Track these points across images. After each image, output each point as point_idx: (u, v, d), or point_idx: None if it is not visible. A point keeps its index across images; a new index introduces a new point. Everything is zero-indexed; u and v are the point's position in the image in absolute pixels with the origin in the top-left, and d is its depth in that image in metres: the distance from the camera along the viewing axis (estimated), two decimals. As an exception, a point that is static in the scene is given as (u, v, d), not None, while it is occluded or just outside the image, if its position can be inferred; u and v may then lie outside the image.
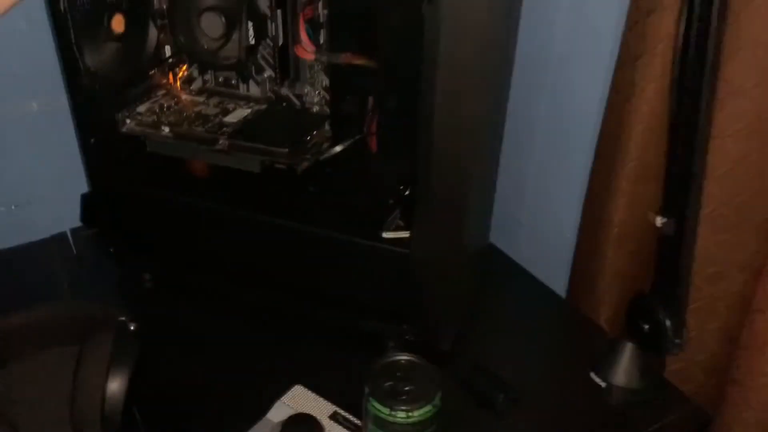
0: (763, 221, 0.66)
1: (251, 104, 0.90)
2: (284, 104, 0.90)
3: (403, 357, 0.60)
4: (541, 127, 0.96)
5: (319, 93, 0.89)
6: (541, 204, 1.00)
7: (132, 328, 0.70)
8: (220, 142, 0.82)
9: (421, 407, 0.54)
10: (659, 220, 0.67)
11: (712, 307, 0.75)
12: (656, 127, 0.71)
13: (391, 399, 0.55)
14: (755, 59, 0.63)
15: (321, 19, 0.82)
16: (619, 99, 0.76)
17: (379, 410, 0.55)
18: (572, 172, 0.90)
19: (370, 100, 0.85)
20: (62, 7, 0.73)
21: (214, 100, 0.91)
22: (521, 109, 0.94)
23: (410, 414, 0.54)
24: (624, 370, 0.76)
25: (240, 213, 0.83)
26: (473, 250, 0.89)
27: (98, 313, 0.73)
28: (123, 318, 0.71)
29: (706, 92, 0.60)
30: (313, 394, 0.72)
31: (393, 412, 0.54)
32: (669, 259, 0.67)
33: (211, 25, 0.82)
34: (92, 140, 0.85)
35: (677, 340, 0.69)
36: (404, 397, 0.56)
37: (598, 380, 0.77)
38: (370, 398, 0.56)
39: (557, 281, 0.95)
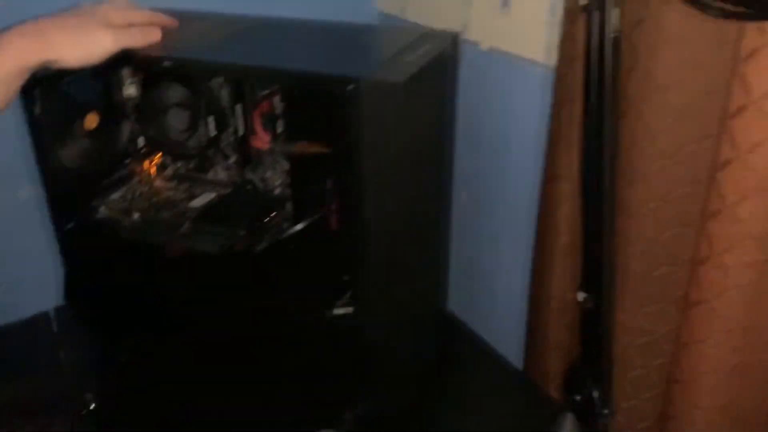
0: (680, 296, 0.70)
1: (218, 188, 0.97)
2: (248, 187, 0.97)
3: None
4: (488, 200, 1.02)
5: (279, 177, 0.95)
6: (496, 276, 1.04)
7: (92, 407, 0.75)
8: (184, 226, 0.89)
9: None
10: (580, 296, 0.71)
11: (647, 377, 0.78)
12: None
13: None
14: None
15: (278, 111, 0.90)
16: (549, 182, 0.81)
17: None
18: (521, 247, 0.95)
19: (329, 182, 0.92)
20: (36, 111, 0.81)
21: (184, 185, 0.98)
22: (469, 186, 1.00)
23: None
24: (565, 439, 0.79)
25: (200, 293, 0.88)
26: (422, 322, 0.93)
27: (64, 390, 0.78)
28: (88, 395, 0.76)
29: (609, 177, 0.65)
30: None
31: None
32: (591, 332, 0.71)
33: (177, 120, 0.90)
34: (68, 226, 0.91)
35: (605, 411, 0.72)
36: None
37: (541, 450, 0.80)
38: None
39: (515, 349, 0.99)
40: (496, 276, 1.06)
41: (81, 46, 0.71)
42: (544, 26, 0.88)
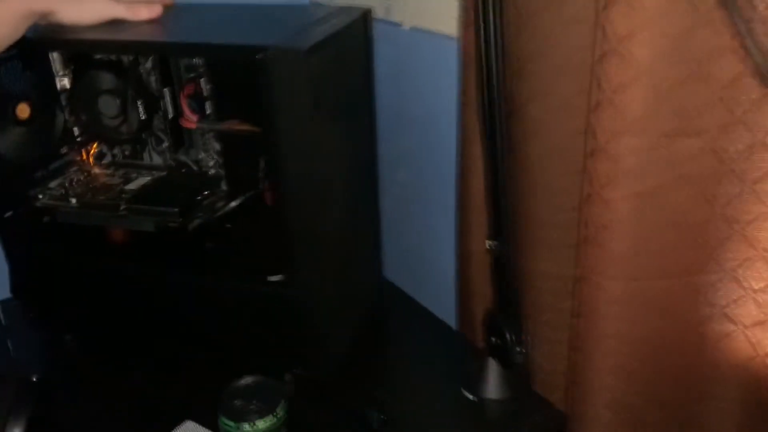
0: (581, 239, 0.75)
1: (154, 172, 1.01)
2: (183, 170, 1.01)
3: (251, 378, 0.68)
4: (419, 171, 1.08)
5: (212, 157, 0.99)
6: (428, 240, 1.09)
7: (33, 379, 0.78)
8: (121, 207, 0.92)
9: (263, 417, 0.62)
10: (488, 244, 0.76)
11: (560, 319, 0.83)
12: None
13: (238, 414, 0.63)
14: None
15: (205, 93, 0.94)
16: (464, 145, 0.87)
17: (227, 425, 0.63)
18: (448, 208, 1.00)
19: (261, 160, 0.97)
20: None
21: (120, 172, 1.02)
22: (402, 159, 1.05)
23: (254, 425, 0.62)
24: (490, 383, 0.84)
25: (140, 270, 0.92)
26: (357, 289, 0.98)
27: (5, 372, 0.81)
28: (30, 375, 0.79)
29: (505, 132, 0.70)
30: (204, 429, 0.79)
31: (238, 425, 0.62)
32: (501, 277, 0.76)
33: (108, 106, 0.93)
34: (7, 214, 0.94)
35: (518, 349, 0.77)
36: (249, 412, 0.63)
37: (469, 396, 0.85)
38: (220, 416, 0.64)
39: (450, 311, 1.04)
40: (427, 241, 1.12)
41: (78, 5, 0.80)
42: (457, 2, 0.94)
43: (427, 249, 1.12)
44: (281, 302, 0.86)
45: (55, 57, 0.94)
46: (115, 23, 0.85)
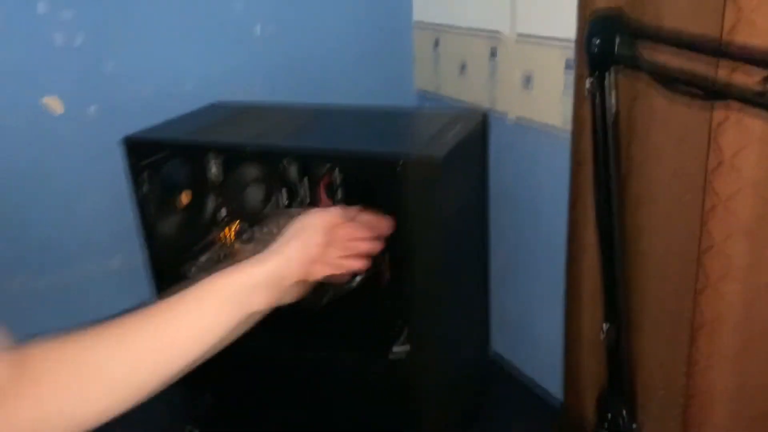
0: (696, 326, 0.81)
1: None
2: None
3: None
4: (524, 254, 1.16)
5: (339, 238, 1.11)
6: (537, 321, 1.17)
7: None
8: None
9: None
10: (604, 326, 0.83)
11: (670, 396, 0.88)
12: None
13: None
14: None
15: (337, 182, 1.06)
16: (573, 233, 0.95)
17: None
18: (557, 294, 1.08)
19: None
20: (144, 190, 0.99)
21: (260, 247, 1.14)
22: (507, 242, 1.14)
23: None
24: (602, 458, 0.89)
25: (272, 345, 1.03)
26: (469, 360, 1.05)
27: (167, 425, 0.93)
28: (189, 427, 0.90)
29: (618, 227, 0.78)
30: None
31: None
32: (615, 358, 0.83)
33: (255, 194, 1.07)
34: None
35: (633, 426, 0.83)
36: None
37: (581, 469, 0.90)
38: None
39: (555, 382, 1.10)
40: (536, 321, 1.19)
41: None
42: (561, 99, 1.03)
43: (533, 325, 1.19)
44: (402, 375, 0.94)
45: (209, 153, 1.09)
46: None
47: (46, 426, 0.54)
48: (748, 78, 0.61)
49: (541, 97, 1.10)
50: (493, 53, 1.20)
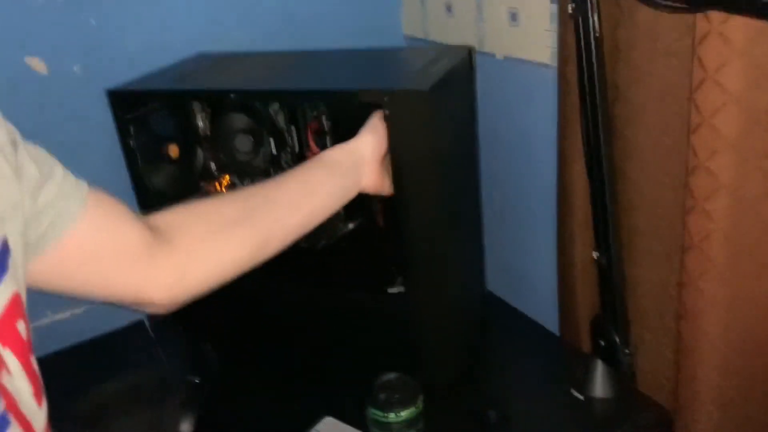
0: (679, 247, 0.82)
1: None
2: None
3: (392, 376, 0.78)
4: (516, 190, 1.16)
5: (332, 185, 1.11)
6: (528, 253, 1.17)
7: (196, 381, 0.91)
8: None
9: (407, 408, 0.72)
10: (595, 255, 0.84)
11: (663, 323, 0.90)
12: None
13: (385, 405, 0.73)
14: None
15: (326, 129, 1.06)
16: (563, 165, 0.95)
17: (376, 414, 0.73)
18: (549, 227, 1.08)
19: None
20: (132, 144, 0.99)
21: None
22: (499, 180, 1.14)
23: (399, 414, 0.72)
24: (597, 383, 0.91)
25: (273, 285, 1.04)
26: (465, 300, 1.07)
27: (170, 376, 0.95)
28: (189, 377, 0.92)
29: (607, 153, 0.78)
30: (342, 423, 0.89)
31: (386, 414, 0.72)
32: (607, 284, 0.84)
33: (243, 144, 1.07)
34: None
35: (626, 351, 0.84)
36: (394, 403, 0.74)
37: (577, 395, 0.92)
38: (369, 407, 0.74)
39: (551, 318, 1.12)
40: (531, 259, 1.19)
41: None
42: (548, 33, 1.02)
43: (526, 262, 1.20)
44: (401, 312, 0.96)
45: (194, 103, 1.08)
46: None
47: (188, 278, 0.65)
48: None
49: (529, 33, 1.08)
50: (478, -9, 1.18)
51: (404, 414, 0.73)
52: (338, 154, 0.84)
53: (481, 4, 1.18)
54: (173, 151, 1.05)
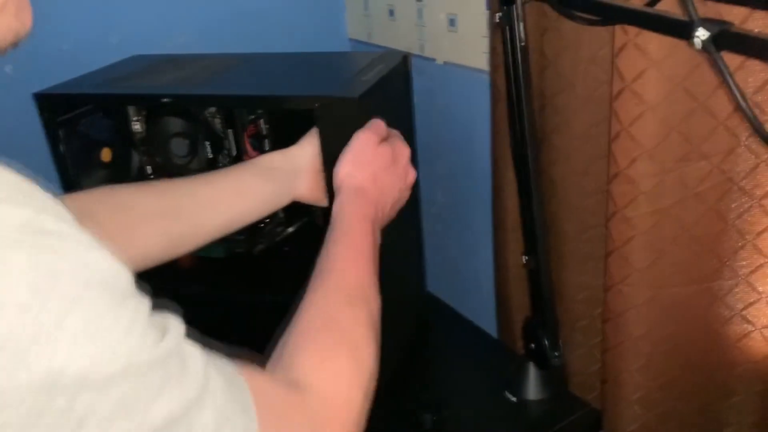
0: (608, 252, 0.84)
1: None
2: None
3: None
4: (456, 192, 1.17)
5: (271, 189, 1.10)
6: (467, 255, 1.19)
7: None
8: (192, 236, 1.04)
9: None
10: (524, 259, 0.85)
11: (592, 324, 0.92)
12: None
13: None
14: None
15: (264, 132, 1.05)
16: (496, 170, 0.96)
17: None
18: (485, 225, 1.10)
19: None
20: (61, 149, 0.96)
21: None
22: (441, 182, 1.15)
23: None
24: (530, 386, 0.93)
25: (215, 293, 1.03)
26: (404, 301, 1.07)
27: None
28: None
29: (533, 158, 0.80)
30: None
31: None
32: (536, 288, 0.85)
33: (179, 148, 1.05)
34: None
35: (555, 353, 0.86)
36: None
37: (511, 397, 0.93)
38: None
39: (490, 320, 1.13)
40: (470, 261, 1.21)
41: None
42: (485, 40, 1.03)
43: (466, 264, 1.22)
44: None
45: (129, 106, 1.06)
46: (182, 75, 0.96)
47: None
48: (640, 0, 0.62)
49: (466, 39, 1.10)
50: (418, -4, 1.19)
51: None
52: (275, 159, 0.82)
53: (421, 9, 1.19)
54: (105, 155, 1.03)
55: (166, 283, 1.07)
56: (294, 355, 0.50)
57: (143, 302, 0.37)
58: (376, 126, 0.74)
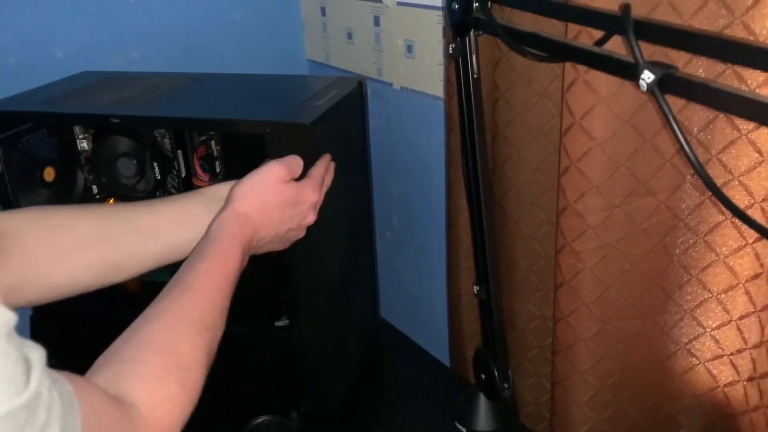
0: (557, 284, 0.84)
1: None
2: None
3: (263, 418, 0.76)
4: (412, 217, 1.17)
5: (221, 212, 1.08)
6: (422, 282, 1.18)
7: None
8: (138, 260, 1.01)
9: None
10: (475, 289, 0.85)
11: (543, 355, 0.92)
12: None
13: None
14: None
15: (215, 154, 1.03)
16: (449, 197, 0.96)
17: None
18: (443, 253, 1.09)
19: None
20: (0, 167, 0.92)
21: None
22: (396, 207, 1.14)
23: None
24: (480, 416, 0.92)
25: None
26: (356, 328, 1.06)
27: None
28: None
29: (485, 189, 0.80)
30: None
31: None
32: (487, 318, 0.85)
33: (126, 168, 1.02)
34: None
35: (505, 385, 0.85)
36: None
37: (460, 428, 0.93)
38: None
39: (443, 348, 1.13)
40: (423, 283, 1.20)
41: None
42: (441, 67, 1.04)
43: (421, 290, 1.21)
44: (287, 345, 0.94)
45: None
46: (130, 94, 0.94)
47: (16, 295, 0.59)
48: (590, 39, 0.62)
49: (423, 66, 1.10)
50: (376, 21, 1.19)
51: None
52: (224, 190, 0.79)
53: (379, 33, 1.19)
54: (48, 174, 1.00)
55: (109, 308, 1.04)
56: (126, 369, 0.51)
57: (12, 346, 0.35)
58: (292, 162, 0.74)
